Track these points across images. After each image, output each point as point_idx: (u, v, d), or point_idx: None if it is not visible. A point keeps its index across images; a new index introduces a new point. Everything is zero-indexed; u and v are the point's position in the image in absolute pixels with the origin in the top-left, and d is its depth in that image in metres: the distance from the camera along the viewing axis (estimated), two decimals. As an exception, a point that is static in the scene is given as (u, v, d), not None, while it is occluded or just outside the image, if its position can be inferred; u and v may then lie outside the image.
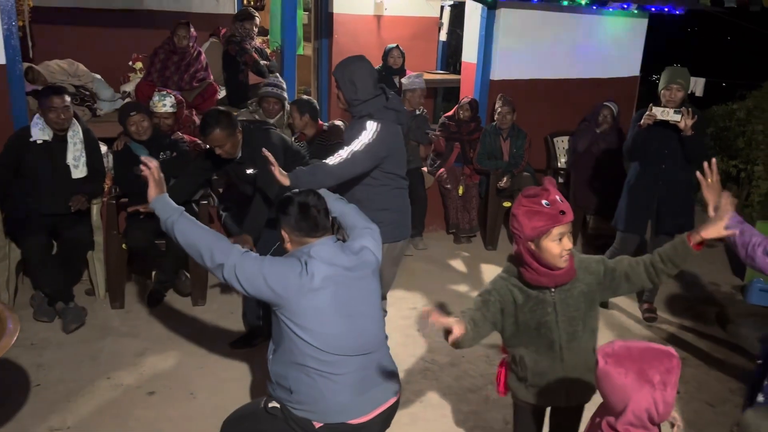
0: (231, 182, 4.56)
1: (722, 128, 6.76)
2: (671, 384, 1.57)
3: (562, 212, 1.98)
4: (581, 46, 6.13)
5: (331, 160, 2.95)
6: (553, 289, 2.10)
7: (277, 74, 4.65)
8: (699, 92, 7.22)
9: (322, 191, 2.54)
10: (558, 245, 1.99)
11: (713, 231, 2.04)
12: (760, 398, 2.48)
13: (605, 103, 5.47)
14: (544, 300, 2.11)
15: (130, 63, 5.85)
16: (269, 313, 3.59)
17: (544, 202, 1.98)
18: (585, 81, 6.19)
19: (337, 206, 2.60)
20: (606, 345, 1.67)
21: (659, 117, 3.86)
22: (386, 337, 2.38)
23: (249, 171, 3.59)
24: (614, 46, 6.31)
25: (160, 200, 2.30)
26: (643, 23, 6.40)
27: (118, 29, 6.39)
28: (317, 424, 2.16)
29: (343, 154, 2.98)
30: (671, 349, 1.64)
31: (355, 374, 2.18)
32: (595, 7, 5.93)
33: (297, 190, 2.40)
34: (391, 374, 2.32)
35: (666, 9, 6.13)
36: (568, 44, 6.07)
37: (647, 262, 2.16)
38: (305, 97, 5.04)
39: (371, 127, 3.03)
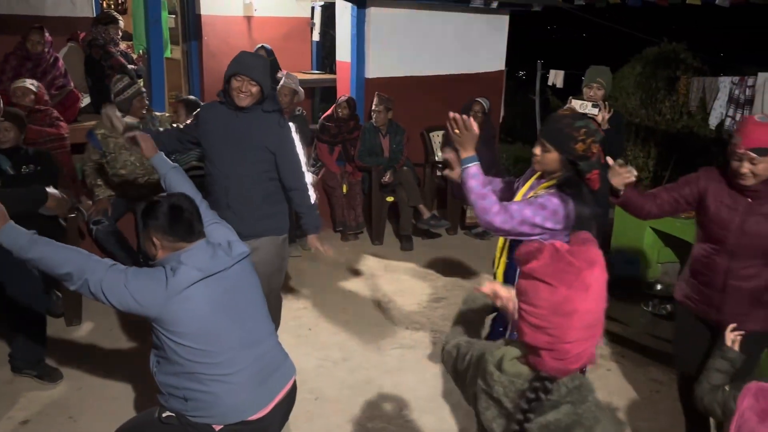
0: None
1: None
2: None
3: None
4: (449, 42, 6.38)
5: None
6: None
7: (140, 84, 4.46)
8: (559, 84, 7.75)
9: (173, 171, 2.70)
10: None
11: None
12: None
13: (476, 99, 5.71)
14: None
15: (-22, 72, 5.38)
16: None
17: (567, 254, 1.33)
18: (455, 76, 6.44)
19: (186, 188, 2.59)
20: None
21: (578, 110, 4.10)
22: (275, 327, 2.36)
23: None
24: (480, 42, 6.61)
25: (4, 232, 2.11)
26: (505, 19, 6.75)
27: (-39, 36, 5.86)
28: (217, 427, 2.11)
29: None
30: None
31: (248, 370, 2.15)
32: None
33: (165, 194, 2.33)
34: (283, 361, 2.31)
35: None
36: (437, 41, 6.29)
37: None
38: (191, 97, 4.91)
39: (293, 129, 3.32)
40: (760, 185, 2.44)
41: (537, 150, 2.35)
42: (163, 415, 2.17)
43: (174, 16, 6.62)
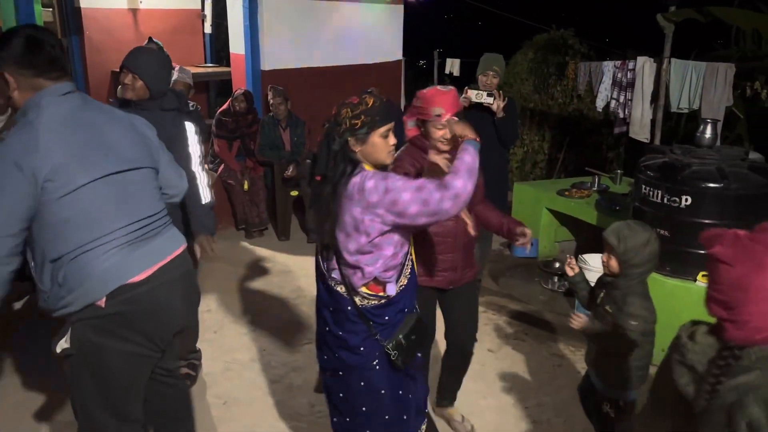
0: None
1: (478, 103, 7.46)
2: None
3: None
4: (345, 33, 6.34)
5: None
6: None
7: None
8: (456, 72, 7.90)
9: None
10: None
11: None
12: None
13: (367, 91, 5.71)
14: None
15: None
16: None
17: None
18: (352, 67, 6.41)
19: None
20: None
21: (474, 99, 4.10)
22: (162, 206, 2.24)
23: None
24: (376, 32, 6.61)
25: None
26: (399, 9, 6.79)
27: None
28: (101, 302, 1.97)
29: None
30: None
31: (122, 232, 2.01)
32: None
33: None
34: (164, 229, 2.18)
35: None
36: (333, 32, 6.24)
37: None
38: None
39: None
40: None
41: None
42: (58, 350, 2.02)
43: (50, 9, 6.20)
